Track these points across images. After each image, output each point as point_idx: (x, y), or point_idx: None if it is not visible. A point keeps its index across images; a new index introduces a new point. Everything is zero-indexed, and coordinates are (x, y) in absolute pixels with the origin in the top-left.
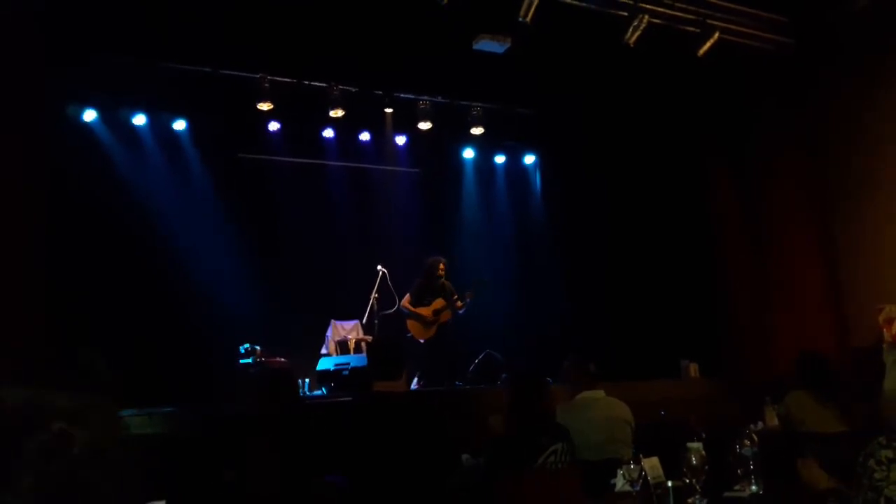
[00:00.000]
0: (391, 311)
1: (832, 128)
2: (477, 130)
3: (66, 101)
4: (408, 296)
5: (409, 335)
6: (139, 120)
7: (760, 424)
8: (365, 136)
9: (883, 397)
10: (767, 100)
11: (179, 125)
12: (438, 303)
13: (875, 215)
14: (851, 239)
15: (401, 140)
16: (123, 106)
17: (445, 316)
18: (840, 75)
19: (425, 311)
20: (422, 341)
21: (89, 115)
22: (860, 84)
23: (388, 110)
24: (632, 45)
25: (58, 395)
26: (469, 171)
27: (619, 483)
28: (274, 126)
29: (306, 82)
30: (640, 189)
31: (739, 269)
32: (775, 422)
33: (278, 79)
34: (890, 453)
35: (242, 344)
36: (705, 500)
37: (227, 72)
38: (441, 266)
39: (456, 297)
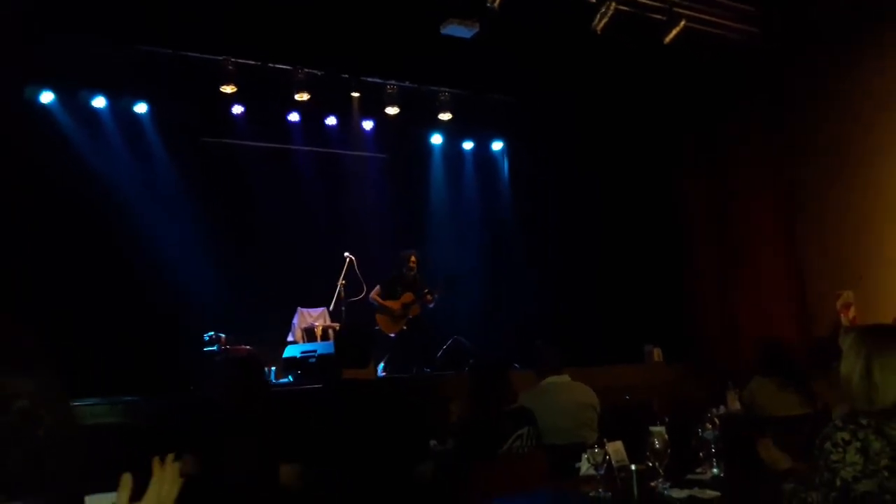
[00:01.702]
0: (358, 298)
1: (796, 120)
2: (445, 116)
3: (22, 82)
4: (377, 288)
5: (377, 328)
6: (99, 102)
7: (723, 409)
8: (331, 121)
9: (839, 381)
10: (736, 91)
11: (141, 108)
12: (407, 297)
13: (835, 205)
14: (813, 228)
15: (368, 125)
16: (82, 88)
17: (415, 311)
18: (806, 64)
19: (394, 305)
20: (390, 335)
21: (46, 97)
22: (824, 73)
23: (355, 94)
24: (599, 32)
25: (20, 379)
26: (437, 157)
27: (584, 467)
28: (238, 109)
29: (271, 65)
30: (607, 176)
31: (704, 256)
32: (737, 406)
33: (242, 61)
34: (846, 435)
35: (207, 332)
36: (668, 483)
37: (190, 53)
38: (412, 259)
39: (426, 290)
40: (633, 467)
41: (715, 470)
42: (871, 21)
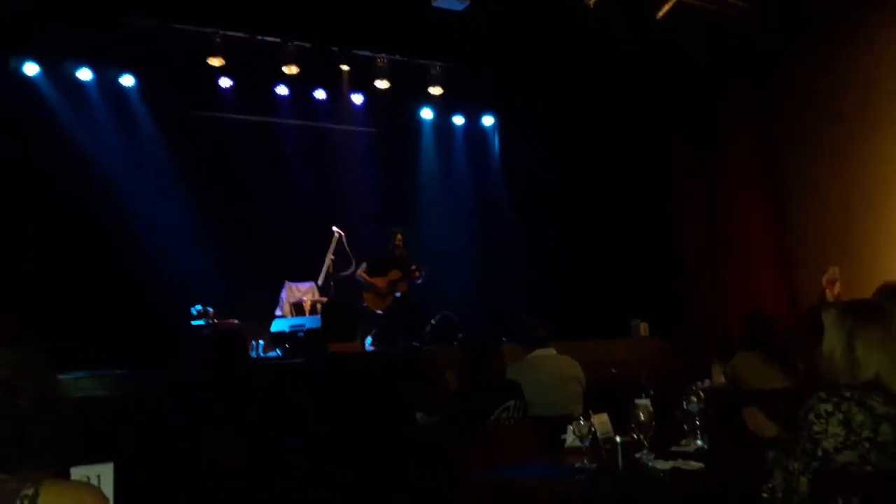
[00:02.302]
0: (347, 273)
1: (786, 100)
2: (435, 90)
3: (6, 53)
4: (364, 265)
5: (364, 305)
6: (84, 75)
7: (707, 382)
8: (320, 94)
9: (821, 357)
10: (727, 70)
11: (127, 81)
12: (395, 273)
13: (823, 184)
14: (800, 204)
15: (357, 99)
16: (67, 59)
17: (402, 287)
18: (796, 49)
19: (380, 282)
20: (378, 312)
21: (31, 69)
22: (814, 59)
23: (345, 68)
24: (591, 6)
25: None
26: (427, 132)
27: (570, 438)
28: (226, 83)
29: (259, 37)
30: (597, 153)
31: (693, 232)
32: (722, 380)
33: (230, 33)
34: (829, 407)
35: (195, 306)
36: (652, 455)
37: (177, 25)
38: (398, 237)
39: (414, 267)
40: (617, 439)
41: (699, 442)
42: (861, 8)
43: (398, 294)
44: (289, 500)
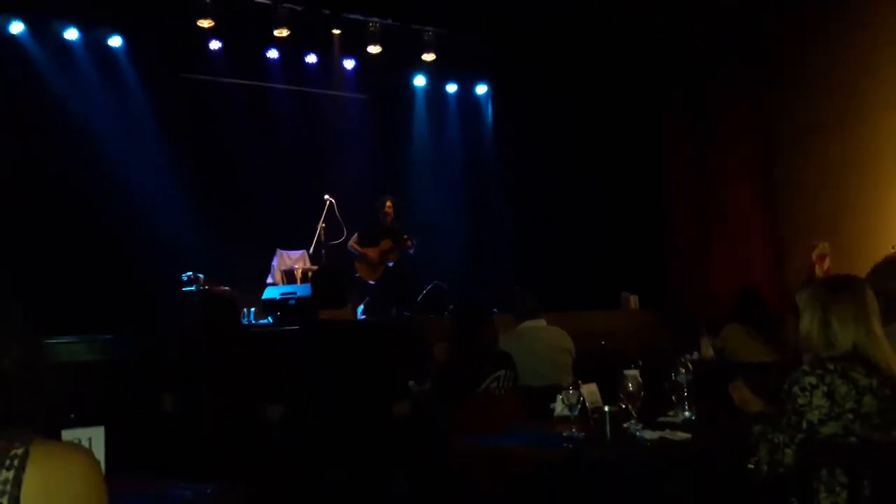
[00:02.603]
0: (338, 241)
1: (776, 79)
2: (429, 56)
3: None
4: (355, 236)
5: (357, 275)
6: (71, 34)
7: (696, 354)
8: (311, 59)
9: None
10: (718, 48)
11: (115, 41)
12: (386, 243)
13: (813, 158)
14: (790, 180)
15: (349, 64)
16: (54, 18)
17: (393, 257)
18: (787, 26)
19: (371, 252)
20: (370, 282)
21: (16, 28)
22: (804, 35)
23: (336, 32)
24: None
25: None
26: (419, 100)
27: (559, 408)
28: (216, 45)
29: None
30: (588, 125)
31: (682, 206)
32: (710, 352)
33: None
34: (813, 380)
35: (185, 272)
36: (640, 425)
37: None
38: (388, 204)
39: (405, 237)
40: (606, 409)
41: (687, 413)
42: None
43: (390, 264)
44: (275, 465)
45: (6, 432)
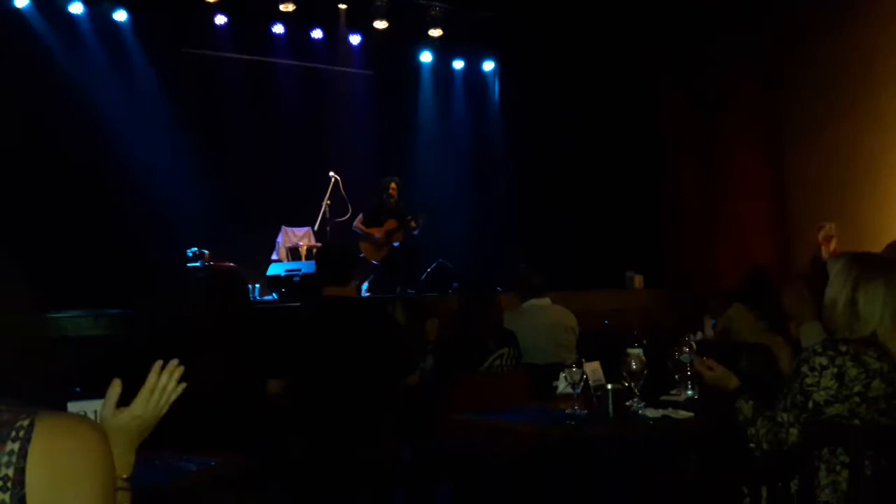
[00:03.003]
0: (343, 218)
1: (785, 52)
2: (435, 32)
3: None
4: (360, 216)
5: (361, 256)
6: (76, 8)
7: (700, 335)
8: (317, 34)
9: (824, 307)
10: (723, 21)
11: (120, 16)
12: (391, 223)
13: (821, 138)
14: (798, 159)
15: (355, 39)
16: None
17: (398, 237)
18: (796, 6)
19: (377, 232)
20: (374, 262)
21: (21, 1)
22: (815, 16)
23: (342, 6)
24: None
25: None
26: (426, 76)
27: (561, 385)
28: (221, 20)
29: None
30: (594, 103)
31: (687, 185)
32: (713, 332)
33: None
34: (823, 360)
35: (190, 248)
36: (643, 403)
37: None
38: (392, 186)
39: (409, 217)
40: (609, 387)
41: (689, 392)
42: None
43: (395, 244)
44: (278, 441)
45: (11, 404)
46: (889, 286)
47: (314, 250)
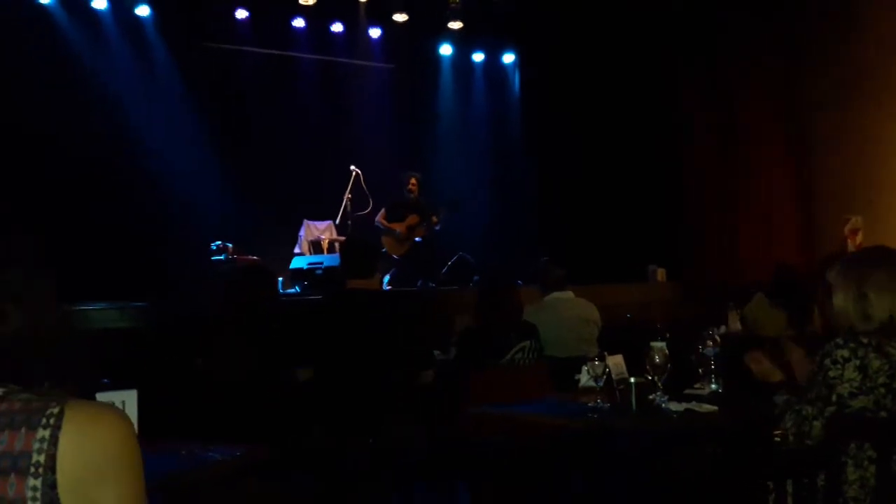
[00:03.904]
0: (365, 212)
1: (810, 35)
2: (455, 24)
3: None
4: (382, 211)
5: (383, 250)
6: (99, 3)
7: (723, 328)
8: (337, 28)
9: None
10: (745, 7)
11: (143, 11)
12: (413, 218)
13: (848, 128)
14: (823, 150)
15: (375, 33)
16: None
17: (420, 232)
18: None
19: (399, 227)
20: (395, 257)
21: None
22: (841, 9)
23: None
24: None
25: None
26: (446, 69)
27: (584, 378)
28: (242, 14)
29: None
30: (615, 94)
31: (709, 176)
32: (738, 326)
33: None
34: (846, 353)
35: (214, 241)
36: (666, 397)
37: None
38: (413, 181)
39: (431, 212)
40: (632, 380)
41: (713, 386)
42: None
43: (417, 239)
44: (301, 430)
45: (42, 392)
46: (891, 273)
47: (336, 244)
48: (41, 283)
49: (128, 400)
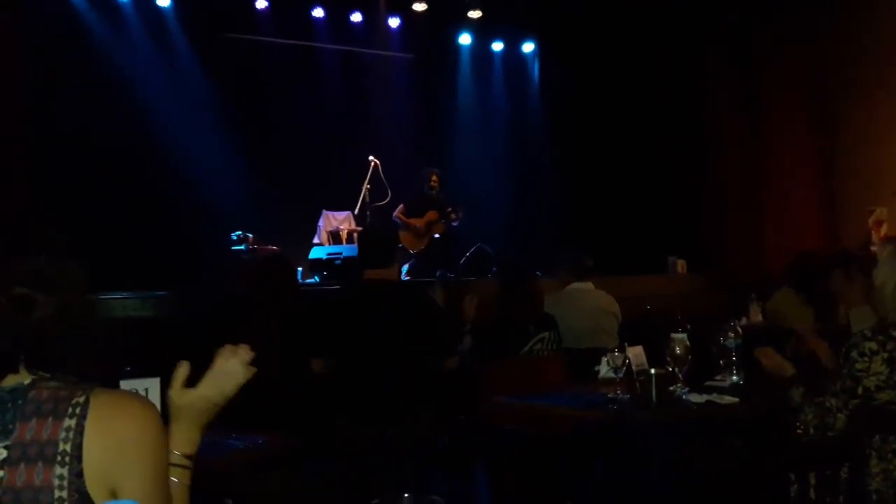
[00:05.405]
0: (383, 202)
1: (836, 28)
2: (475, 14)
3: None
4: (401, 206)
5: (401, 245)
6: None
7: (745, 320)
8: (356, 18)
9: (872, 290)
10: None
11: (164, 1)
12: (431, 214)
13: (873, 118)
14: (848, 141)
15: (394, 22)
16: None
17: (438, 228)
18: None
19: (418, 222)
20: (412, 252)
21: None
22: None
23: None
24: None
25: (24, 262)
26: (465, 59)
27: (603, 370)
28: (262, 4)
29: None
30: (636, 84)
31: (731, 166)
32: (759, 318)
33: None
34: (874, 346)
35: (234, 231)
36: (687, 388)
37: None
38: (433, 178)
39: (450, 209)
40: (652, 371)
41: (734, 377)
42: None
43: (436, 235)
44: (320, 420)
45: (68, 381)
46: None
47: (354, 234)
48: (71, 272)
49: (151, 388)
